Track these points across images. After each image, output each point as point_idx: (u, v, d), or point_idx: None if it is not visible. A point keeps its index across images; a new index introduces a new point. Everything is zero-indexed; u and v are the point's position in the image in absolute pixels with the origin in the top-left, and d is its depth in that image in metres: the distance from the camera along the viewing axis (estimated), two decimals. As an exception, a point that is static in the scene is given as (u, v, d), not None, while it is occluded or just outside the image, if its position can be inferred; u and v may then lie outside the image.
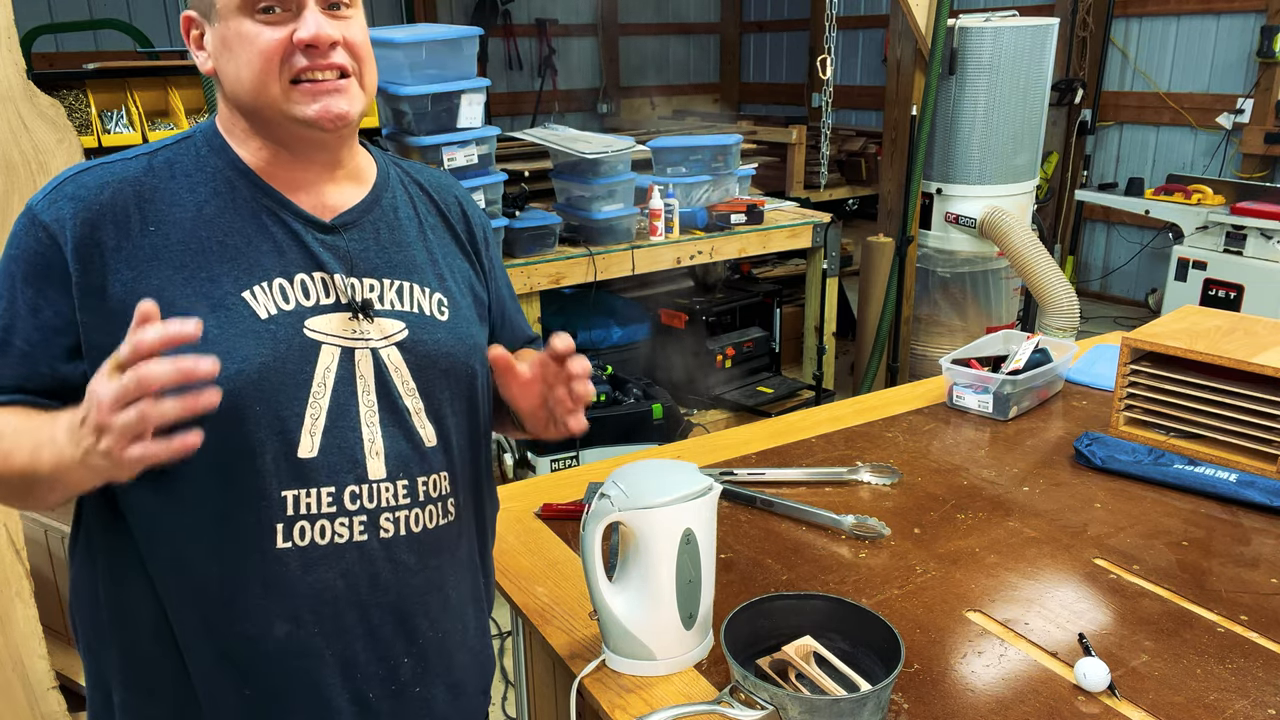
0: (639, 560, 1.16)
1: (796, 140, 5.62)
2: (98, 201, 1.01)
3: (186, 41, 1.08)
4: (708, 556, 1.19)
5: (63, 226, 1.00)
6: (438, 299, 1.15)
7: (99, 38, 6.24)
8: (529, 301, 3.49)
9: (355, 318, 1.07)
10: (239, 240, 1.04)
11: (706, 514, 1.18)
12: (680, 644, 1.21)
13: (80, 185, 1.03)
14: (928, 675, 1.20)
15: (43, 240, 1.00)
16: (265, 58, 1.01)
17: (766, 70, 9.08)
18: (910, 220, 4.12)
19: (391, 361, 1.09)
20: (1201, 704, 1.14)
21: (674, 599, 1.17)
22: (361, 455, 1.06)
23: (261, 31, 1.01)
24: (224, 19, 1.03)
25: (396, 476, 1.08)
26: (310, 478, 1.03)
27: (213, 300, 1.01)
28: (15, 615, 2.03)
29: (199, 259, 1.02)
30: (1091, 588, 1.39)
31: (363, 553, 1.06)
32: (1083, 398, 2.13)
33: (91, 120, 2.82)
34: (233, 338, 1.00)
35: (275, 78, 1.02)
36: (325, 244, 1.08)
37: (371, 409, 1.07)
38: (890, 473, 1.74)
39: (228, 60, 1.04)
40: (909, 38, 3.99)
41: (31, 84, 1.89)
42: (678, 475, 1.19)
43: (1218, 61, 5.79)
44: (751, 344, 4.28)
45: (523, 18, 8.11)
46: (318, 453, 1.03)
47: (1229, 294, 4.61)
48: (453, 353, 1.14)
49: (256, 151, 1.08)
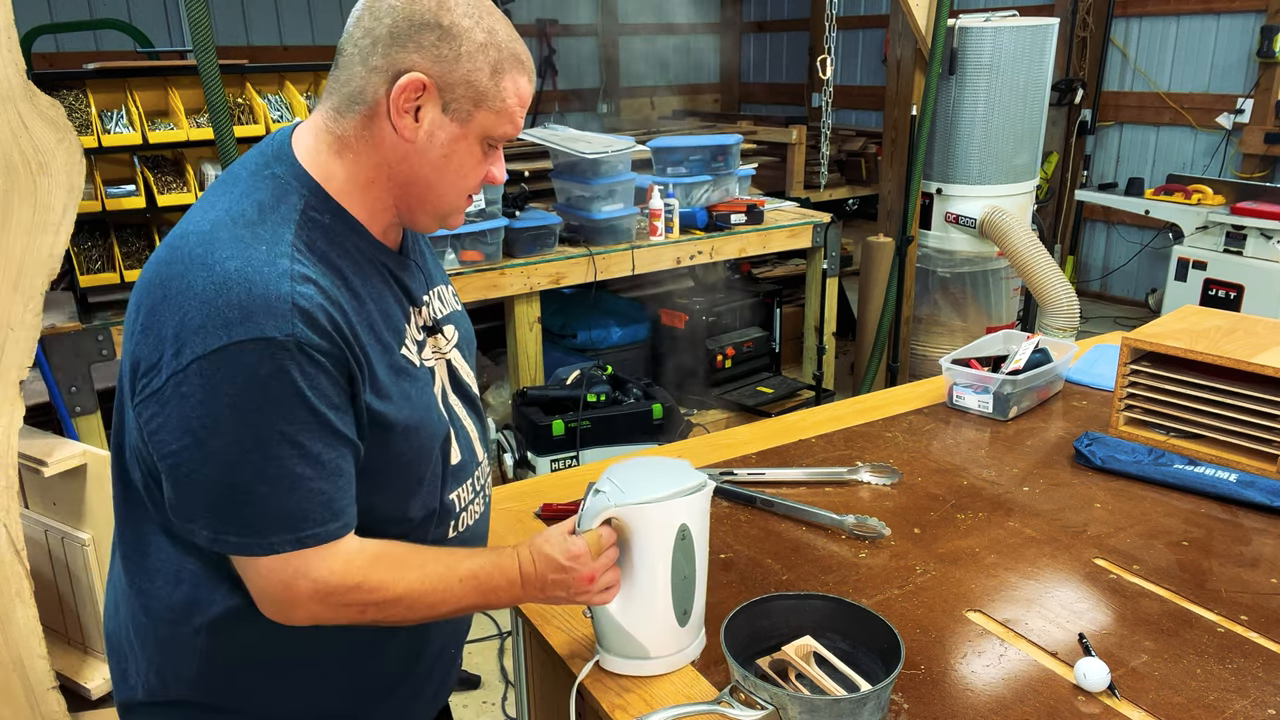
0: (633, 557, 1.16)
1: (796, 140, 5.62)
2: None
3: (400, 96, 1.00)
4: (702, 553, 1.19)
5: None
6: (451, 291, 1.27)
7: (99, 38, 6.23)
8: (529, 301, 3.49)
9: (433, 335, 1.18)
10: (384, 303, 1.08)
11: (701, 510, 1.18)
12: (675, 641, 1.20)
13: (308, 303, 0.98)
14: (928, 675, 1.20)
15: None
16: (470, 190, 1.11)
17: (766, 70, 9.08)
18: (910, 220, 4.12)
19: (458, 361, 1.22)
20: (1201, 704, 1.14)
21: (669, 596, 1.17)
22: (474, 446, 1.22)
23: (481, 163, 1.09)
24: (464, 129, 1.04)
25: (485, 453, 1.27)
26: (460, 477, 1.18)
27: (397, 366, 1.07)
28: (15, 615, 2.03)
29: (372, 333, 1.04)
30: (1091, 588, 1.39)
31: (480, 521, 1.26)
32: (1083, 398, 2.13)
33: (91, 120, 2.82)
34: (421, 390, 1.10)
35: (464, 198, 1.12)
36: (409, 277, 1.15)
37: (459, 406, 1.20)
38: (890, 473, 1.74)
39: (436, 165, 1.05)
40: (909, 38, 3.99)
41: (31, 84, 1.89)
42: (672, 472, 1.19)
43: (1218, 61, 5.79)
44: (751, 344, 4.28)
45: (523, 18, 8.10)
46: (460, 456, 1.18)
47: (1229, 294, 4.61)
48: (472, 335, 1.30)
49: (380, 219, 1.09)
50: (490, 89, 1.03)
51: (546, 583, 1.11)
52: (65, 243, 2.00)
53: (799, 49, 8.57)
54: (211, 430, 0.93)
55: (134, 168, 3.03)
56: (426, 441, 1.10)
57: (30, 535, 2.30)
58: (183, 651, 1.08)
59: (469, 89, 1.02)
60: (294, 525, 0.97)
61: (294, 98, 3.12)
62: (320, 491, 0.98)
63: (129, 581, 1.11)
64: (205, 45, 2.51)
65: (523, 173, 4.06)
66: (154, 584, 1.08)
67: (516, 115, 1.08)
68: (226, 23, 6.73)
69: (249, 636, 1.07)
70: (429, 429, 1.10)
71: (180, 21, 6.30)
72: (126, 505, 1.10)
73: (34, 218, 1.94)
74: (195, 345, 0.92)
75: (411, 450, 1.08)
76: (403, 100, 1.01)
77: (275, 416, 0.94)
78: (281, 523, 0.97)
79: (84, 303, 2.88)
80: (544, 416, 3.32)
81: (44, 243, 1.97)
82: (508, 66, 1.05)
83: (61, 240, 1.99)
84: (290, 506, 0.97)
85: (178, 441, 0.94)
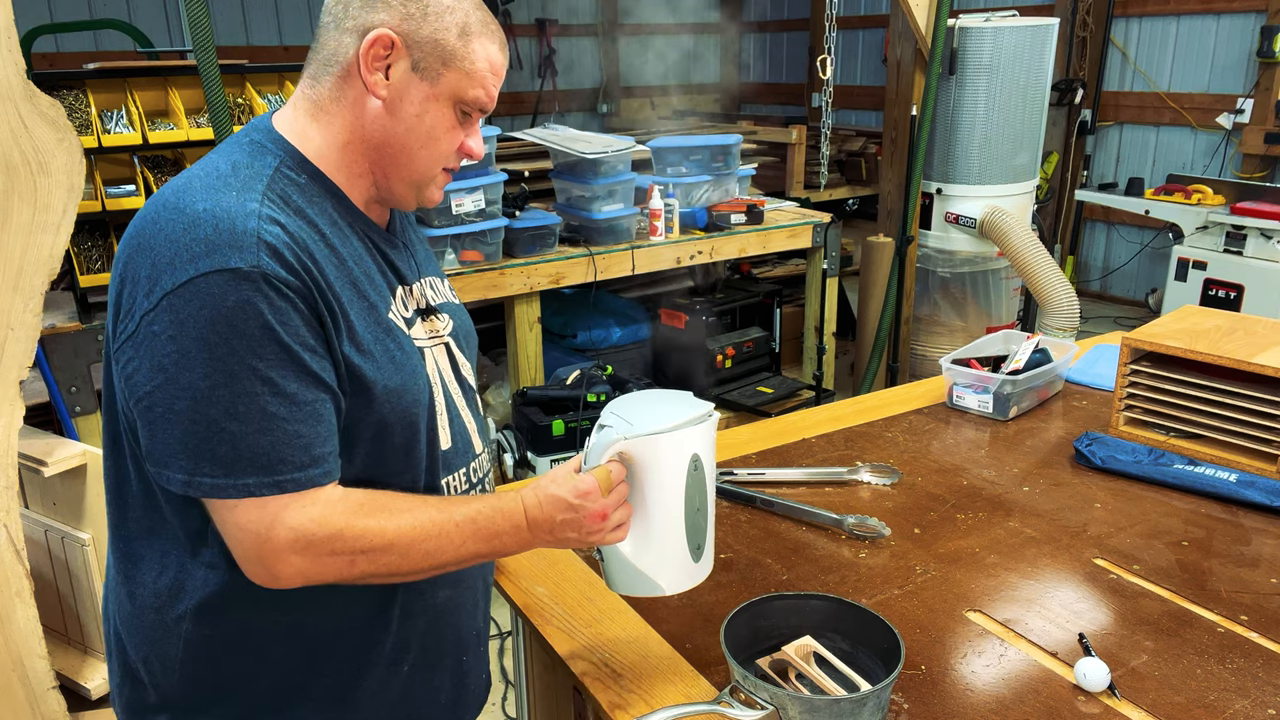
0: (645, 491, 1.11)
1: (796, 140, 5.62)
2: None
3: (368, 51, 1.03)
4: (711, 485, 1.16)
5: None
6: (447, 285, 1.28)
7: (99, 38, 6.23)
8: (529, 301, 3.49)
9: (426, 319, 1.17)
10: (365, 266, 1.09)
11: (710, 439, 1.14)
12: (689, 576, 1.17)
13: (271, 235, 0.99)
14: (928, 675, 1.20)
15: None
16: (444, 155, 1.11)
17: (766, 70, 9.08)
18: (910, 220, 4.12)
19: (455, 349, 1.22)
20: (1201, 704, 1.14)
21: (683, 529, 1.13)
22: (470, 436, 1.21)
23: (454, 128, 1.09)
24: (434, 89, 1.06)
25: (485, 446, 1.26)
26: (452, 464, 1.17)
27: (382, 325, 1.08)
28: (15, 615, 2.03)
29: (355, 290, 1.05)
30: (1091, 588, 1.39)
31: None
32: (1083, 398, 2.13)
33: (91, 120, 2.82)
34: (407, 355, 1.09)
35: (438, 167, 1.11)
36: (398, 257, 1.16)
37: (458, 394, 1.20)
38: (890, 473, 1.74)
39: (408, 124, 1.07)
40: (909, 38, 3.99)
41: (31, 84, 1.89)
42: (676, 402, 1.15)
43: (1218, 61, 5.79)
44: (751, 344, 4.28)
45: (523, 18, 8.11)
46: (452, 442, 1.17)
47: (1229, 294, 4.61)
48: (472, 330, 1.29)
49: (358, 186, 1.11)
50: (459, 48, 1.06)
51: (555, 524, 1.07)
52: (65, 243, 2.00)
53: (799, 49, 8.57)
54: (181, 365, 0.93)
55: (134, 168, 3.04)
56: (410, 408, 1.08)
57: (30, 535, 2.30)
58: (169, 640, 1.07)
59: (436, 47, 1.05)
60: (269, 468, 0.95)
61: (294, 98, 3.12)
62: (297, 434, 0.96)
63: (118, 569, 1.11)
64: (205, 45, 2.51)
65: (523, 173, 4.06)
66: (139, 570, 1.08)
67: (487, 81, 1.09)
68: (226, 23, 6.73)
69: (234, 622, 1.06)
70: (412, 395, 1.08)
71: (180, 21, 6.29)
72: (117, 490, 1.09)
73: (34, 218, 1.94)
74: (164, 282, 0.94)
75: (395, 415, 1.06)
76: (371, 56, 1.04)
77: (244, 351, 0.93)
78: (256, 464, 0.94)
79: (84, 303, 2.88)
80: (544, 416, 3.32)
81: (44, 243, 1.97)
82: (476, 30, 1.07)
83: (61, 240, 1.99)
84: (265, 447, 0.95)
85: (151, 381, 0.95)
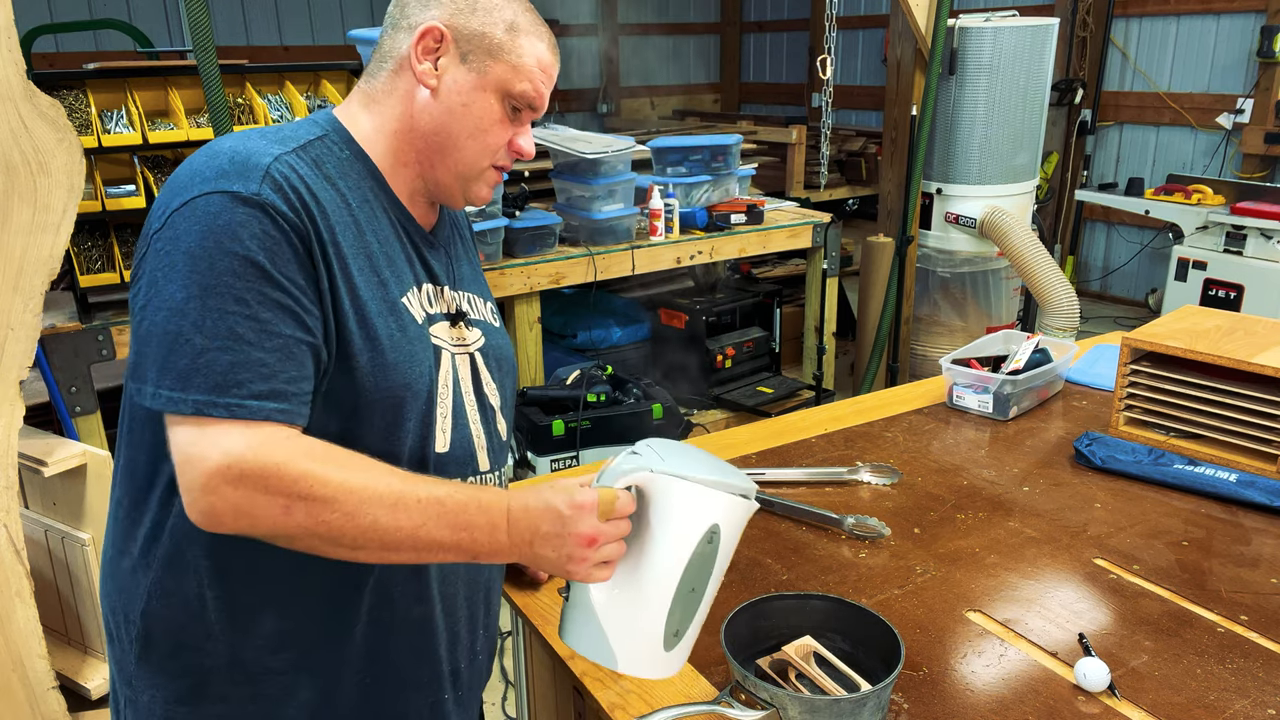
0: (645, 541, 0.97)
1: (796, 140, 5.62)
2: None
3: (419, 43, 1.08)
4: (719, 574, 1.01)
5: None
6: (490, 307, 1.28)
7: (99, 38, 6.23)
8: (529, 301, 3.49)
9: (455, 325, 1.17)
10: (389, 248, 1.10)
11: (738, 522, 1.00)
12: (650, 662, 1.00)
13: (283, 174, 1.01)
14: (928, 675, 1.20)
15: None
16: (493, 149, 1.12)
17: (766, 70, 9.08)
18: (910, 220, 4.12)
19: (482, 365, 1.20)
20: (1201, 704, 1.14)
21: (667, 605, 0.97)
22: (475, 450, 1.17)
23: (503, 122, 1.11)
24: (481, 80, 1.09)
25: (494, 468, 1.21)
26: (447, 470, 1.12)
27: (388, 302, 1.07)
28: (15, 615, 2.03)
29: (368, 262, 1.06)
30: (1091, 588, 1.39)
31: None
32: (1083, 398, 2.13)
33: (91, 120, 2.82)
34: (410, 341, 1.07)
35: (486, 161, 1.12)
36: (434, 258, 1.17)
37: (473, 408, 1.17)
38: (890, 473, 1.74)
39: (456, 114, 1.09)
40: (909, 38, 3.99)
41: (31, 84, 1.89)
42: (720, 468, 1.01)
43: (1218, 61, 5.79)
44: (751, 344, 4.28)
45: (523, 18, 8.09)
46: (449, 448, 1.12)
47: (1229, 294, 4.61)
48: (511, 357, 1.28)
49: (402, 175, 1.13)
50: (506, 41, 1.09)
51: (538, 534, 0.96)
52: (65, 243, 2.00)
53: (799, 49, 8.57)
54: (168, 275, 0.94)
55: (134, 168, 3.03)
56: (397, 390, 1.04)
57: (30, 535, 2.30)
58: (137, 588, 1.07)
59: (484, 40, 1.08)
60: (221, 387, 0.91)
61: (294, 98, 3.12)
62: (261, 362, 0.93)
63: (114, 533, 1.11)
64: (205, 45, 2.51)
65: (523, 173, 4.06)
66: (136, 528, 1.07)
67: (535, 76, 1.11)
68: (226, 23, 6.73)
69: (191, 579, 1.04)
70: (402, 379, 1.04)
71: (180, 21, 6.30)
72: (129, 432, 1.07)
73: (34, 218, 1.94)
74: (173, 204, 0.97)
75: (378, 393, 1.03)
76: (421, 48, 1.08)
77: (224, 269, 0.93)
78: (210, 381, 0.91)
79: (84, 303, 2.88)
80: (544, 416, 3.32)
81: (44, 243, 1.97)
82: (525, 27, 1.10)
83: (61, 240, 1.99)
84: (223, 365, 0.91)
85: (144, 295, 0.96)
